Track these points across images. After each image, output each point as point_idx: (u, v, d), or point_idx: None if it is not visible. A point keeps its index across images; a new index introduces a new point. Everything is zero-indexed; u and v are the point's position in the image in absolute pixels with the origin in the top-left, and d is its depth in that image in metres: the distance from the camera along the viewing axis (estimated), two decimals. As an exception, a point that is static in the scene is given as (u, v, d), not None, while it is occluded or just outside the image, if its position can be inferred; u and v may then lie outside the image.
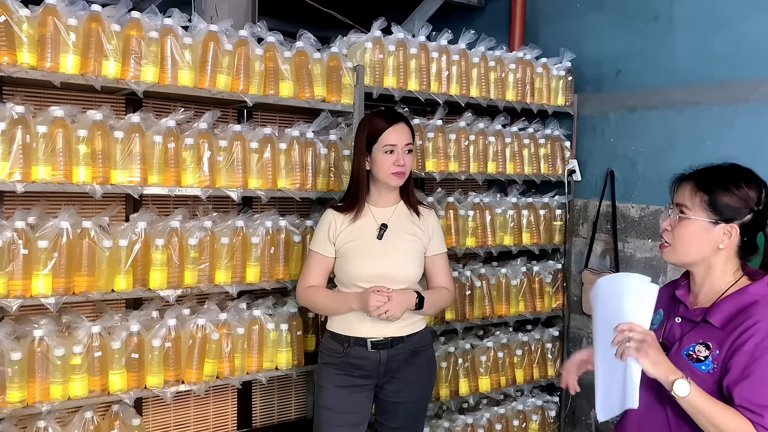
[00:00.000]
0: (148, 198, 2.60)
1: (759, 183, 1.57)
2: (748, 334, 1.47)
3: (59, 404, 2.14)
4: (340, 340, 2.25)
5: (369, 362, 2.23)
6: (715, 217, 1.55)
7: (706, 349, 1.53)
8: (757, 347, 1.45)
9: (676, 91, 2.96)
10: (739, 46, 2.73)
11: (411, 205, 2.33)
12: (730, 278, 1.59)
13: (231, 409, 2.94)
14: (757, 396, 1.43)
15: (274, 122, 2.93)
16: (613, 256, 3.21)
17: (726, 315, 1.54)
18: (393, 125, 2.22)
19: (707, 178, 1.58)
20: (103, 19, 2.18)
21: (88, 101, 2.49)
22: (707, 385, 1.50)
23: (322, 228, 2.29)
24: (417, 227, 2.30)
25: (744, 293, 1.54)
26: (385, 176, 2.23)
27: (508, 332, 3.30)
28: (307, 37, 2.66)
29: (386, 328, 2.22)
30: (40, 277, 2.09)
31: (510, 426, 3.23)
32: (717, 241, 1.55)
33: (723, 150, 2.76)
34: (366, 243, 2.24)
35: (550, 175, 3.35)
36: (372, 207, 2.29)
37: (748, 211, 1.53)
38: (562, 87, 3.36)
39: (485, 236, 3.10)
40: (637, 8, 3.13)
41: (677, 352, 1.58)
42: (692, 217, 1.57)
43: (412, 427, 2.36)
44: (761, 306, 1.51)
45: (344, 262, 2.25)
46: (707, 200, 1.55)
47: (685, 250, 1.59)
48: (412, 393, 2.31)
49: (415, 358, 2.29)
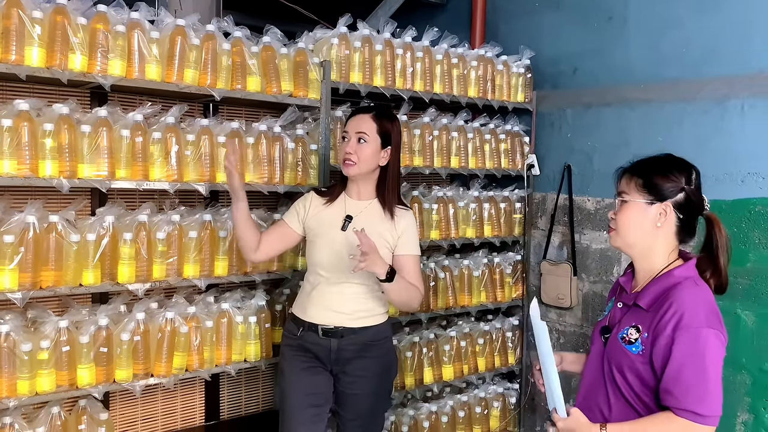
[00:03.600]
0: (114, 192, 2.59)
1: (689, 167, 1.71)
2: (666, 317, 1.58)
3: (26, 399, 2.12)
4: (297, 324, 2.31)
5: (321, 348, 2.27)
6: (650, 197, 1.68)
7: (636, 332, 1.65)
8: (675, 330, 1.56)
9: (629, 88, 3.09)
10: (688, 46, 2.87)
11: (385, 204, 2.29)
12: (664, 261, 1.70)
13: (198, 402, 2.95)
14: (675, 381, 1.55)
15: (240, 116, 2.95)
16: (570, 248, 3.34)
17: (652, 297, 1.66)
18: (356, 115, 2.28)
19: (642, 166, 1.73)
20: (68, 12, 2.16)
21: (52, 95, 2.46)
22: (639, 365, 1.62)
23: (298, 205, 2.37)
24: (385, 227, 2.27)
25: (670, 276, 1.66)
26: (340, 164, 2.30)
27: (470, 322, 3.39)
28: (274, 32, 2.68)
29: (339, 317, 2.25)
30: (6, 272, 2.07)
31: (472, 413, 3.33)
32: (654, 219, 1.68)
33: (673, 145, 2.90)
34: (329, 231, 2.28)
35: (510, 169, 3.45)
36: (347, 198, 2.33)
37: (680, 190, 1.67)
38: (522, 84, 3.46)
39: (449, 229, 3.18)
40: (593, 8, 3.25)
41: (614, 336, 1.71)
42: (630, 200, 1.70)
43: (366, 420, 2.34)
44: (679, 289, 1.62)
45: (309, 246, 2.33)
46: (641, 183, 1.69)
47: (627, 232, 1.71)
48: (365, 386, 2.29)
49: (367, 352, 2.27)
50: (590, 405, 1.73)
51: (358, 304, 2.27)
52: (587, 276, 3.28)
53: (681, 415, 1.54)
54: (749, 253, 2.64)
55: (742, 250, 2.66)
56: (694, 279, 1.65)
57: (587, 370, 1.80)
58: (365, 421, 2.35)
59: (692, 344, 1.54)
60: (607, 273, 3.20)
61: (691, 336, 1.54)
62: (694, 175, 1.69)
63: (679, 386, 1.54)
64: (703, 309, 1.58)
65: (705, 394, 1.53)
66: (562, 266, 3.32)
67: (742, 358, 2.66)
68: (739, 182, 2.69)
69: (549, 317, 3.46)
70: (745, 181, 2.67)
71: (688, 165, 1.71)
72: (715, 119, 2.77)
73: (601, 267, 3.23)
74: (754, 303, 2.64)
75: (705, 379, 1.53)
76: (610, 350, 1.71)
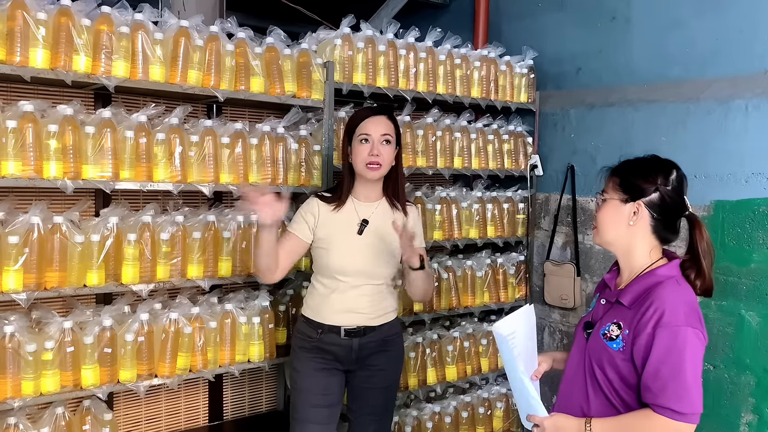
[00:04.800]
0: (118, 193, 2.59)
1: (669, 168, 1.71)
2: (647, 315, 1.59)
3: (31, 400, 2.13)
4: (313, 326, 2.30)
5: (341, 348, 2.29)
6: (625, 195, 1.70)
7: (617, 329, 1.66)
8: (655, 328, 1.57)
9: (633, 89, 3.08)
10: (692, 46, 2.86)
11: (396, 202, 2.34)
12: (646, 260, 1.71)
13: (202, 402, 2.96)
14: (654, 378, 1.56)
15: (243, 117, 2.95)
16: (573, 248, 3.33)
17: (634, 295, 1.66)
18: (372, 116, 2.26)
19: (624, 166, 1.75)
20: (72, 14, 2.17)
21: (56, 96, 2.47)
22: (619, 362, 1.63)
23: (301, 212, 2.33)
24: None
25: (653, 275, 1.67)
26: (360, 167, 2.24)
27: (473, 322, 3.39)
28: (277, 33, 2.68)
29: (360, 317, 2.29)
30: (10, 272, 2.08)
31: (476, 413, 3.33)
32: (627, 218, 1.69)
33: (677, 146, 2.91)
34: (346, 237, 2.28)
35: (513, 169, 3.45)
36: (355, 200, 2.32)
37: (654, 190, 1.67)
38: (525, 84, 3.46)
39: (452, 229, 3.18)
40: (597, 8, 3.25)
41: (597, 332, 1.72)
42: (607, 198, 1.73)
43: (382, 414, 2.42)
44: (661, 287, 1.62)
45: (323, 253, 2.29)
46: (618, 182, 1.72)
47: (604, 230, 1.74)
48: (382, 379, 2.37)
49: (386, 346, 2.35)
50: (570, 400, 1.75)
51: (379, 303, 2.32)
52: (590, 276, 3.28)
53: (660, 413, 1.54)
54: (753, 253, 2.64)
55: (746, 250, 2.65)
56: (676, 278, 1.66)
57: (569, 366, 1.81)
58: (381, 415, 2.40)
59: (671, 342, 1.55)
60: (610, 273, 3.20)
61: (670, 334, 1.55)
62: (673, 176, 1.69)
63: (657, 383, 1.55)
64: (683, 308, 1.59)
65: (683, 391, 1.53)
66: (566, 267, 3.32)
67: (746, 358, 2.66)
68: (743, 182, 2.68)
69: (552, 318, 3.46)
70: (749, 182, 2.66)
71: (670, 166, 1.71)
72: (719, 119, 2.77)
73: (604, 267, 3.22)
74: (759, 303, 2.63)
75: (683, 377, 1.53)
76: (592, 346, 1.72)
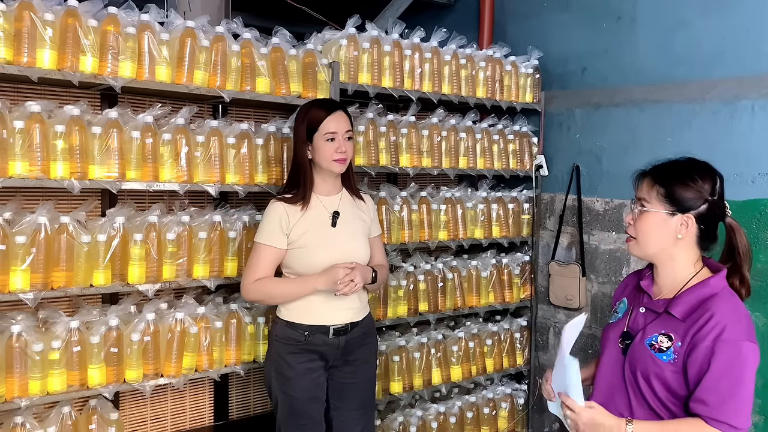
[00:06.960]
0: (124, 193, 2.60)
1: (713, 175, 1.65)
2: (707, 328, 1.55)
3: (38, 399, 2.14)
4: (299, 329, 2.29)
5: (329, 347, 2.32)
6: (672, 208, 1.63)
7: (668, 340, 1.62)
8: (716, 342, 1.54)
9: (638, 89, 3.08)
10: (698, 47, 2.86)
11: (354, 192, 2.45)
12: (691, 269, 1.67)
13: (208, 402, 2.96)
14: (712, 392, 1.53)
15: (249, 117, 2.96)
16: (578, 249, 3.33)
17: (687, 307, 1.62)
18: (332, 113, 2.29)
19: (664, 172, 1.67)
20: (79, 14, 2.18)
21: (63, 96, 2.48)
22: (668, 374, 1.59)
23: (272, 221, 2.28)
24: (362, 212, 2.44)
25: (705, 285, 1.62)
26: (327, 164, 2.30)
27: (478, 323, 3.39)
28: (283, 34, 2.69)
29: (346, 313, 2.33)
30: (17, 272, 2.08)
31: (480, 414, 3.33)
32: (675, 231, 1.64)
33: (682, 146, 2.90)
34: (321, 231, 2.31)
35: (518, 170, 3.45)
36: (319, 196, 2.35)
37: (703, 201, 1.62)
38: (530, 84, 3.46)
39: (457, 229, 3.18)
40: (602, 9, 3.24)
41: (641, 342, 1.66)
42: (650, 209, 1.66)
43: (368, 407, 2.46)
44: (718, 299, 1.59)
45: (302, 254, 2.28)
46: (663, 192, 1.64)
47: (647, 242, 1.68)
48: (366, 372, 2.43)
49: (365, 339, 2.41)
50: (610, 411, 1.68)
51: (359, 297, 2.39)
52: (596, 277, 3.28)
53: (714, 425, 1.52)
54: (759, 254, 2.63)
55: (753, 251, 2.64)
56: (729, 290, 1.63)
57: (602, 376, 1.76)
58: (367, 408, 2.45)
59: (733, 357, 1.52)
60: (616, 274, 3.19)
61: (732, 349, 1.52)
62: (719, 184, 1.64)
63: (715, 397, 1.52)
64: (744, 321, 1.57)
65: (741, 406, 1.52)
66: (571, 267, 3.31)
67: (752, 359, 2.65)
68: (750, 183, 2.67)
69: (557, 318, 3.46)
70: (756, 182, 2.66)
71: (712, 172, 1.65)
72: (725, 120, 2.76)
73: (610, 268, 3.22)
74: (765, 305, 2.63)
75: (741, 393, 1.52)
76: (634, 356, 1.67)
